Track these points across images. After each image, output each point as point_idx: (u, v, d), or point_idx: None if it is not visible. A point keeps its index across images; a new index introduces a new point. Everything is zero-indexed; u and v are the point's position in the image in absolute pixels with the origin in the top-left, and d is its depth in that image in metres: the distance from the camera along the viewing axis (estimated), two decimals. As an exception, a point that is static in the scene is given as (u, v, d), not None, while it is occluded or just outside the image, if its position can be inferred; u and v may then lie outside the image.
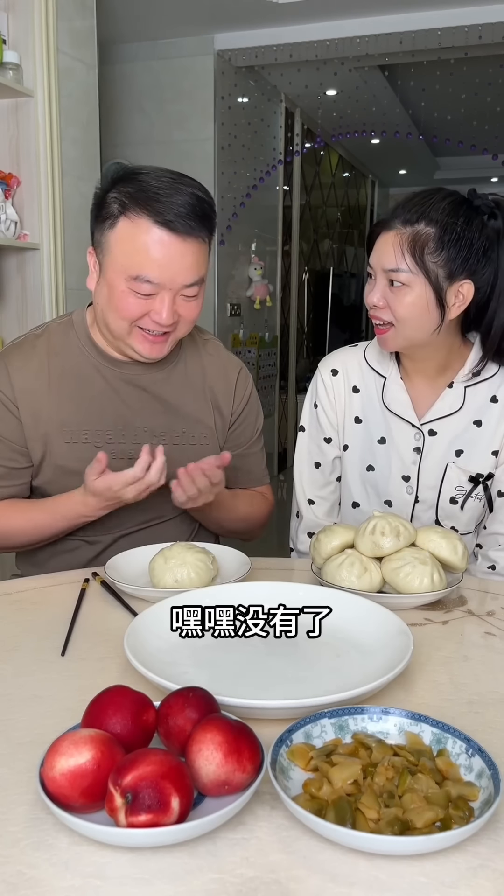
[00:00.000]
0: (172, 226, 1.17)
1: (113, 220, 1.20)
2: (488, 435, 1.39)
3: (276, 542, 1.41)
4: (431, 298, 1.27)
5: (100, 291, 1.26)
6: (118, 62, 4.33)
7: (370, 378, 1.46)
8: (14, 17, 2.58)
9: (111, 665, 0.95)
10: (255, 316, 5.14)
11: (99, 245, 1.24)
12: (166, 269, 1.19)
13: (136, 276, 1.19)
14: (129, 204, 1.18)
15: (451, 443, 1.40)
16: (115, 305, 1.22)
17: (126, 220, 1.19)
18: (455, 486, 1.41)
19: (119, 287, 1.21)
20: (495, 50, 4.11)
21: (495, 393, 1.39)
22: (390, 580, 1.13)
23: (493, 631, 1.06)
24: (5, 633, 1.05)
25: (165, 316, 1.21)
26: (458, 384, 1.39)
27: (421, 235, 1.25)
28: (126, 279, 1.19)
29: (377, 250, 1.30)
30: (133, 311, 1.22)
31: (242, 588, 1.08)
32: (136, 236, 1.18)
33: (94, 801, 0.64)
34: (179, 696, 0.74)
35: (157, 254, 1.18)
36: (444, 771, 0.70)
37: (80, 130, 2.85)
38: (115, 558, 1.23)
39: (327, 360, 1.52)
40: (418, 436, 1.41)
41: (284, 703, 0.78)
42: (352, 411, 1.47)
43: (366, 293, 1.34)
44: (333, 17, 3.99)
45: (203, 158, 4.33)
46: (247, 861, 0.62)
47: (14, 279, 2.72)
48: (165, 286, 1.20)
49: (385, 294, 1.29)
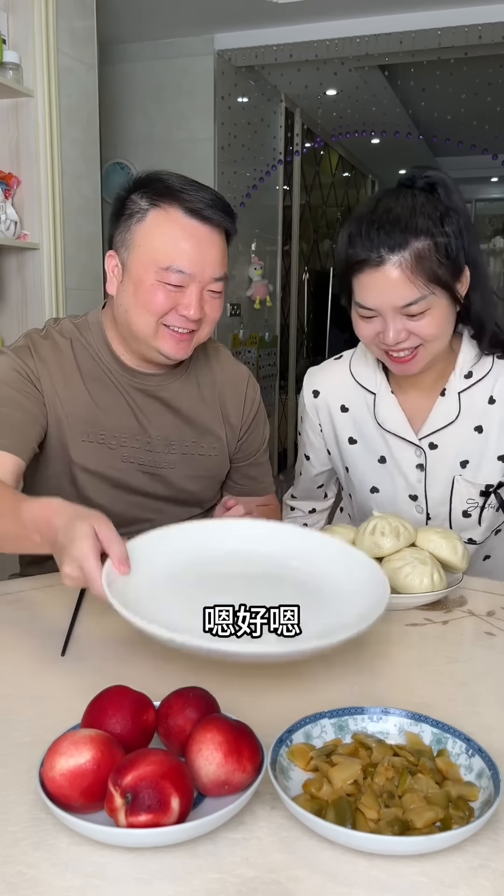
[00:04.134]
0: (203, 214, 1.19)
1: (142, 213, 1.22)
2: (493, 440, 1.32)
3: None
4: (451, 305, 1.21)
5: (124, 291, 1.25)
6: (118, 62, 4.33)
7: (359, 395, 1.39)
8: (14, 17, 2.58)
9: (111, 665, 0.95)
10: (255, 316, 5.14)
11: (123, 244, 1.24)
12: (197, 259, 1.20)
13: (167, 267, 1.19)
14: (159, 198, 1.21)
15: (455, 455, 1.33)
16: (143, 300, 1.22)
17: (157, 210, 1.20)
18: (465, 500, 1.34)
19: (147, 281, 1.21)
20: (495, 50, 4.11)
21: (491, 393, 1.31)
22: (390, 580, 1.13)
23: (493, 631, 1.06)
24: (5, 633, 1.05)
25: (194, 310, 1.21)
26: (452, 391, 1.32)
27: (422, 253, 1.15)
28: (156, 271, 1.20)
29: (375, 291, 1.17)
30: (162, 305, 1.21)
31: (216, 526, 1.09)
32: (168, 225, 1.20)
33: (94, 801, 0.64)
34: (179, 696, 0.74)
35: (188, 243, 1.19)
36: (445, 771, 0.70)
37: (80, 130, 2.85)
38: None
39: (310, 378, 1.45)
40: (419, 452, 1.34)
41: (269, 650, 0.79)
42: (344, 432, 1.41)
43: (367, 334, 1.23)
44: (333, 17, 3.99)
45: (203, 158, 4.33)
46: (247, 861, 0.62)
47: (14, 279, 2.72)
48: (195, 277, 1.21)
49: (405, 327, 1.19)
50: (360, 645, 1.02)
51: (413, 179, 1.22)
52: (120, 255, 1.25)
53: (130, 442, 1.34)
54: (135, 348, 1.31)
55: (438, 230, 1.17)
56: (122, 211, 1.24)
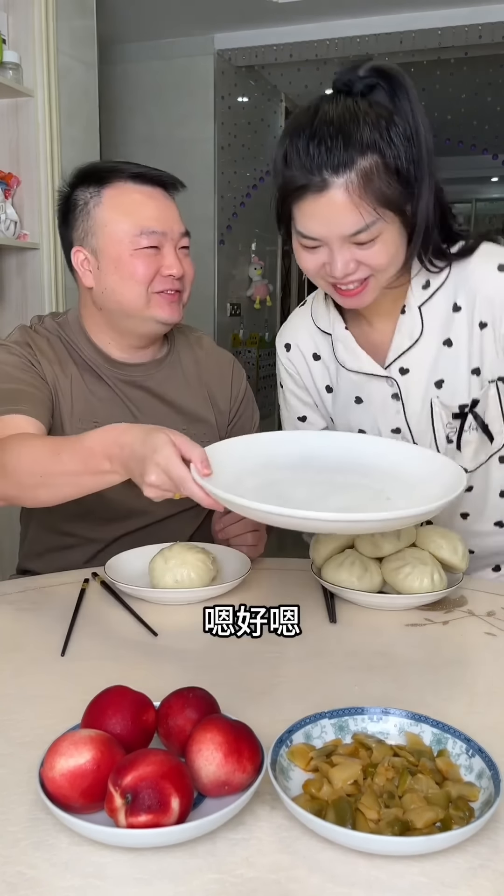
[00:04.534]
0: (148, 177, 1.29)
1: (96, 196, 1.28)
2: (463, 352, 1.18)
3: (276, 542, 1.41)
4: (402, 228, 1.08)
5: (104, 275, 1.29)
6: (118, 62, 4.33)
7: (323, 341, 1.29)
8: (14, 17, 2.58)
9: (111, 665, 0.95)
10: (255, 316, 5.14)
11: (87, 233, 1.30)
12: (162, 216, 1.28)
13: (139, 233, 1.26)
14: (107, 178, 1.28)
15: (427, 376, 1.21)
16: (127, 273, 1.27)
17: (108, 188, 1.28)
18: (445, 424, 1.23)
19: (125, 253, 1.27)
20: (495, 50, 4.11)
21: (454, 300, 1.17)
22: (390, 580, 1.13)
23: (493, 631, 1.06)
24: (5, 633, 1.05)
25: (176, 267, 1.27)
26: (412, 307, 1.19)
27: (369, 172, 1.01)
28: (130, 240, 1.26)
29: (319, 219, 1.05)
30: (146, 272, 1.27)
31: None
32: (124, 196, 1.28)
33: (94, 802, 0.64)
34: (179, 696, 0.74)
35: (149, 205, 1.28)
36: (445, 771, 0.70)
37: (80, 130, 2.85)
38: (115, 558, 1.23)
39: (281, 334, 1.35)
40: (391, 382, 1.23)
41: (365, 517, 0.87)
42: (322, 381, 1.32)
43: (311, 266, 1.11)
44: (333, 17, 3.99)
45: (203, 158, 4.33)
46: (247, 861, 0.62)
47: (14, 279, 2.72)
48: (167, 235, 1.28)
49: (353, 257, 1.07)
50: (360, 645, 1.02)
51: (350, 84, 1.06)
52: (86, 245, 1.30)
53: None
54: (129, 329, 1.33)
55: (385, 142, 1.02)
56: (72, 207, 1.31)
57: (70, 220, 1.32)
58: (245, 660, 0.96)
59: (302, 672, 0.93)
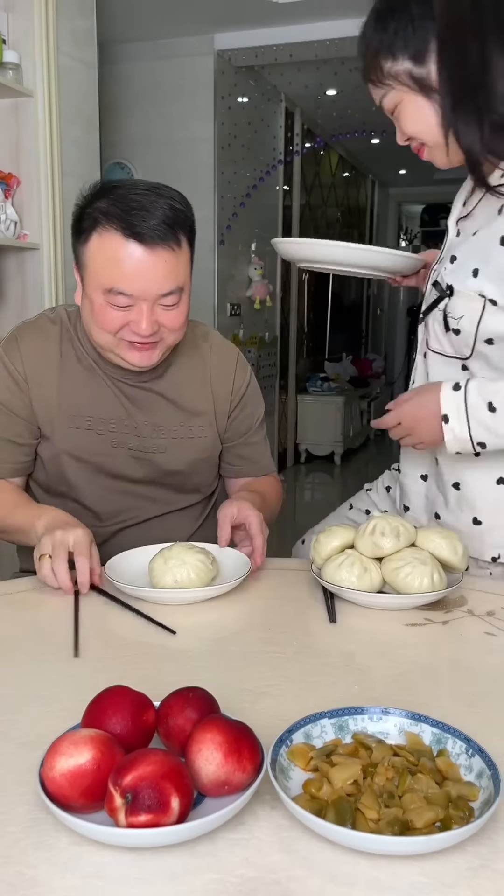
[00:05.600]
0: (141, 237, 1.17)
1: (86, 235, 1.21)
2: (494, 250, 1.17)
3: (276, 542, 1.41)
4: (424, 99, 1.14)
5: (84, 305, 1.27)
6: (118, 62, 4.33)
7: None
8: (14, 17, 2.58)
9: (111, 665, 0.95)
10: (255, 316, 5.14)
11: (78, 261, 1.26)
12: (138, 280, 1.18)
13: (110, 290, 1.19)
14: (101, 219, 1.19)
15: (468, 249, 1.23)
16: (96, 319, 1.23)
17: (96, 235, 1.20)
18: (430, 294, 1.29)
19: (97, 301, 1.21)
20: (495, 50, 4.10)
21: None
22: (390, 580, 1.13)
23: (493, 631, 1.06)
24: (5, 633, 1.05)
25: (145, 326, 1.21)
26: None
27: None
28: (103, 293, 1.20)
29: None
30: (114, 324, 1.22)
31: None
32: (107, 250, 1.18)
33: (94, 802, 0.64)
34: (179, 696, 0.74)
35: (128, 265, 1.18)
36: (444, 771, 0.70)
37: (80, 130, 2.85)
38: (115, 557, 1.23)
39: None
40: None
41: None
42: None
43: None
44: (333, 17, 3.99)
45: (203, 158, 4.33)
46: (247, 861, 0.62)
47: (14, 279, 2.72)
48: (140, 297, 1.20)
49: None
50: (360, 645, 1.02)
51: None
52: (79, 270, 1.27)
53: (119, 427, 1.36)
54: (104, 355, 1.32)
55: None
56: (78, 227, 1.25)
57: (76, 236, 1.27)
58: (245, 660, 0.96)
59: (302, 672, 0.93)
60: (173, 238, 1.19)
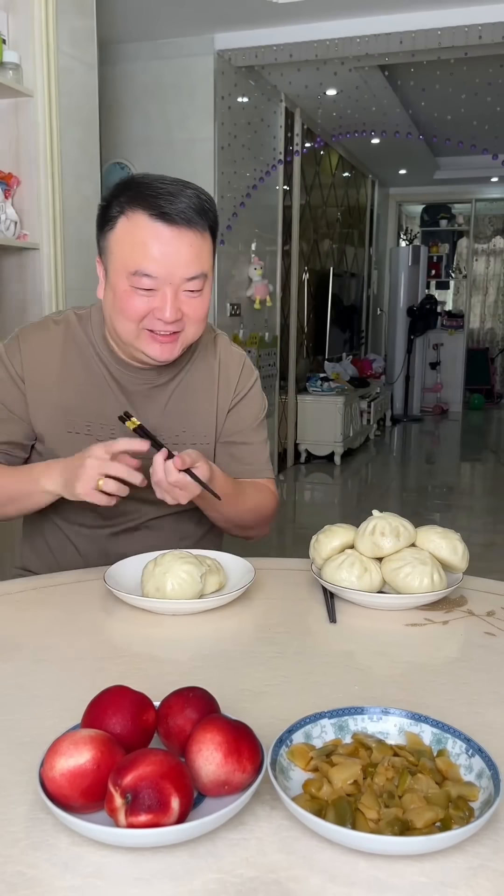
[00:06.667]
0: (168, 217, 1.18)
1: (113, 222, 1.22)
2: None
3: (276, 541, 1.40)
4: None
5: (107, 298, 1.27)
6: (118, 62, 4.33)
7: None
8: (14, 17, 2.58)
9: (111, 665, 0.95)
10: (255, 316, 5.14)
11: (103, 251, 1.26)
12: (164, 262, 1.19)
13: (135, 272, 1.19)
14: (128, 203, 1.20)
15: None
16: (120, 307, 1.23)
17: (124, 218, 1.20)
18: None
19: (122, 287, 1.21)
20: (495, 50, 4.10)
21: None
22: (390, 580, 1.13)
23: (493, 631, 1.06)
24: (5, 633, 1.05)
25: (169, 312, 1.20)
26: None
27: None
28: (127, 277, 1.20)
29: None
30: (137, 310, 1.22)
31: None
32: (134, 232, 1.19)
33: (94, 801, 0.64)
34: (179, 696, 0.74)
35: (154, 247, 1.18)
36: (444, 771, 0.70)
37: (80, 130, 2.85)
38: (116, 565, 1.21)
39: None
40: None
41: None
42: None
43: None
44: (333, 17, 3.99)
45: (203, 158, 4.33)
46: (247, 861, 0.62)
47: (14, 279, 2.72)
48: (165, 280, 1.20)
49: None
50: (360, 645, 1.02)
51: None
52: (103, 262, 1.27)
53: (119, 433, 1.34)
54: (124, 351, 1.32)
55: None
56: (103, 218, 1.25)
57: (99, 231, 1.28)
58: (245, 660, 0.96)
59: (302, 672, 0.93)
60: (199, 224, 1.20)
